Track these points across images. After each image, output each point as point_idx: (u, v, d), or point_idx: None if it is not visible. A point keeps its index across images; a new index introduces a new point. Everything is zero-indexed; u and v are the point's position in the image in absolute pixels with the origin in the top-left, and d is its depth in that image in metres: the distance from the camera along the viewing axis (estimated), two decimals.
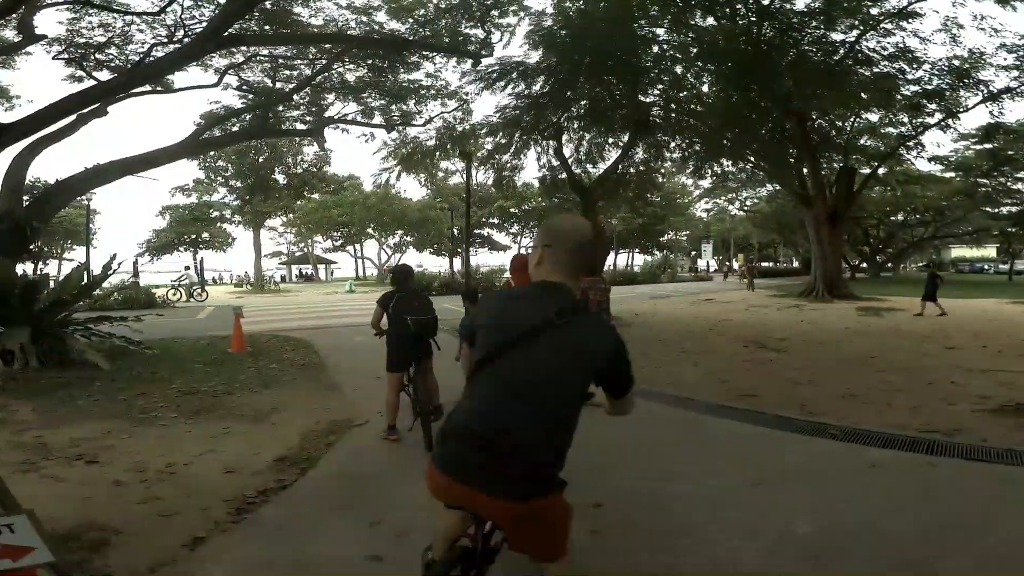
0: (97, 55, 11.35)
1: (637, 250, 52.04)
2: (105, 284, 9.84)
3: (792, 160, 17.79)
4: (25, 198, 9.05)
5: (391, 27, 10.83)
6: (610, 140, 12.78)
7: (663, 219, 45.14)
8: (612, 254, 50.75)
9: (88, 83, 11.42)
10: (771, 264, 56.95)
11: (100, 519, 2.89)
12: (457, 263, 42.11)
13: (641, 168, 13.72)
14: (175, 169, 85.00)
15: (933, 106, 14.69)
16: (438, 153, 14.08)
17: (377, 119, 13.84)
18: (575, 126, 12.15)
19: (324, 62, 11.87)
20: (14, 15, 8.22)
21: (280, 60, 12.22)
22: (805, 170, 18.07)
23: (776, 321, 12.38)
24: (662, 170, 15.05)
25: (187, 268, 26.98)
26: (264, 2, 9.14)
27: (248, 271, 35.58)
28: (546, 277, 1.51)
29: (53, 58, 11.06)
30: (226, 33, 8.27)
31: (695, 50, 10.49)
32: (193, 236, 38.68)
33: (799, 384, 6.08)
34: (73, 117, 9.78)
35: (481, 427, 1.37)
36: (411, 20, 10.54)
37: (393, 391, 4.27)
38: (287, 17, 10.45)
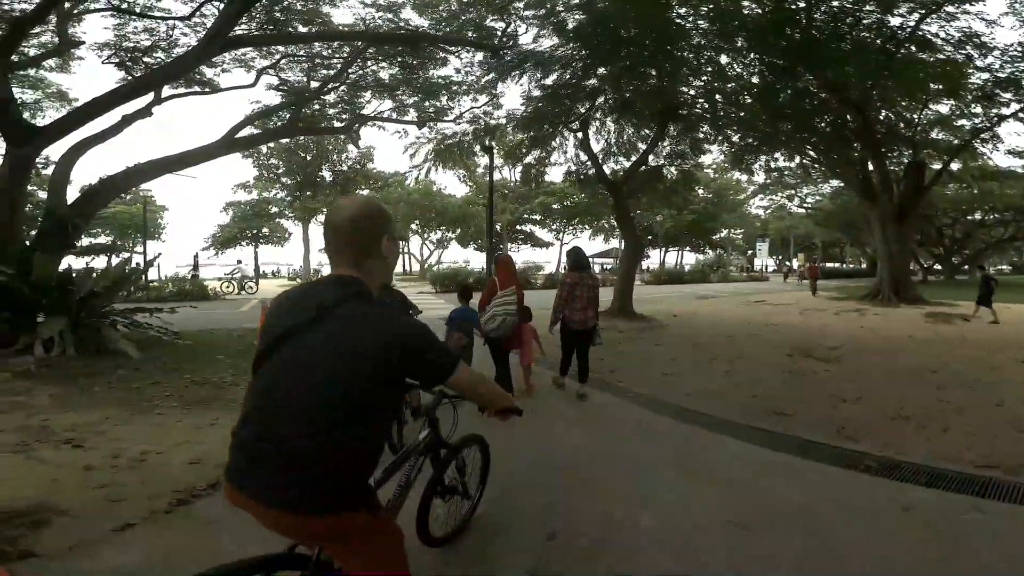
0: (145, 59, 11.95)
1: (688, 248, 50.21)
2: (160, 277, 10.33)
3: (855, 154, 16.39)
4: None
5: (416, 23, 10.81)
6: (643, 132, 12.09)
7: (714, 216, 43.22)
8: (659, 252, 49.67)
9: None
10: (836, 265, 53.42)
11: (55, 501, 3.02)
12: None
13: (678, 161, 12.90)
14: (237, 167, 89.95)
15: (1008, 95, 13.05)
16: (468, 147, 13.90)
17: (411, 116, 13.90)
18: (600, 116, 11.58)
19: (358, 61, 11.95)
20: (48, 24, 8.72)
21: (317, 59, 12.37)
22: (870, 165, 16.70)
23: (831, 326, 11.36)
24: (700, 164, 14.04)
25: (239, 262, 28.28)
26: (259, 1, 9.18)
27: (316, 267, 37.02)
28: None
29: (103, 63, 11.68)
30: (230, 34, 8.40)
31: (740, 39, 9.71)
32: (253, 231, 40.59)
33: (843, 401, 5.38)
34: (118, 118, 10.28)
35: (248, 435, 1.31)
36: (435, 16, 10.44)
37: None
38: (316, 16, 10.54)
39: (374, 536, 1.39)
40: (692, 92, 10.93)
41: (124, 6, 9.67)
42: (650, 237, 47.02)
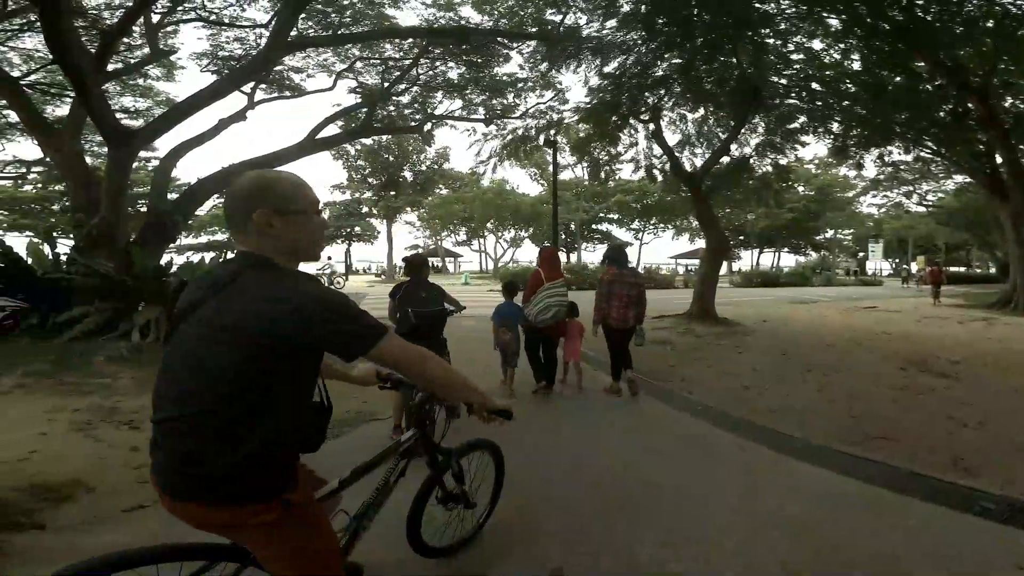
0: (239, 66, 12.90)
1: (786, 249, 46.34)
2: None
3: (981, 146, 13.97)
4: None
5: (475, 21, 10.70)
6: (727, 122, 10.91)
7: (817, 215, 39.43)
8: (752, 253, 46.32)
9: (233, 95, 13.02)
10: (961, 269, 46.65)
11: (90, 478, 3.14)
12: (573, 257, 41.53)
13: (770, 154, 11.53)
14: (334, 169, 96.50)
15: None
16: (532, 142, 13.54)
17: (480, 114, 13.94)
18: (673, 105, 10.55)
19: (426, 61, 12.09)
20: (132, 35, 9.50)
21: (390, 61, 12.67)
22: (998, 158, 14.15)
23: (953, 337, 9.65)
24: (798, 158, 12.46)
25: (329, 259, 30.07)
26: (310, 2, 9.41)
27: (398, 264, 38.81)
28: None
29: (201, 71, 12.74)
30: (292, 36, 8.67)
31: (833, 22, 8.45)
32: (347, 230, 43.19)
33: (962, 426, 4.37)
34: (215, 123, 11.10)
35: (153, 418, 1.26)
36: (494, 12, 10.24)
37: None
38: (382, 19, 10.75)
39: (293, 531, 1.28)
40: (783, 81, 9.70)
41: (212, 17, 10.43)
42: (741, 237, 44.05)
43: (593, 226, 46.59)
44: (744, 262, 48.44)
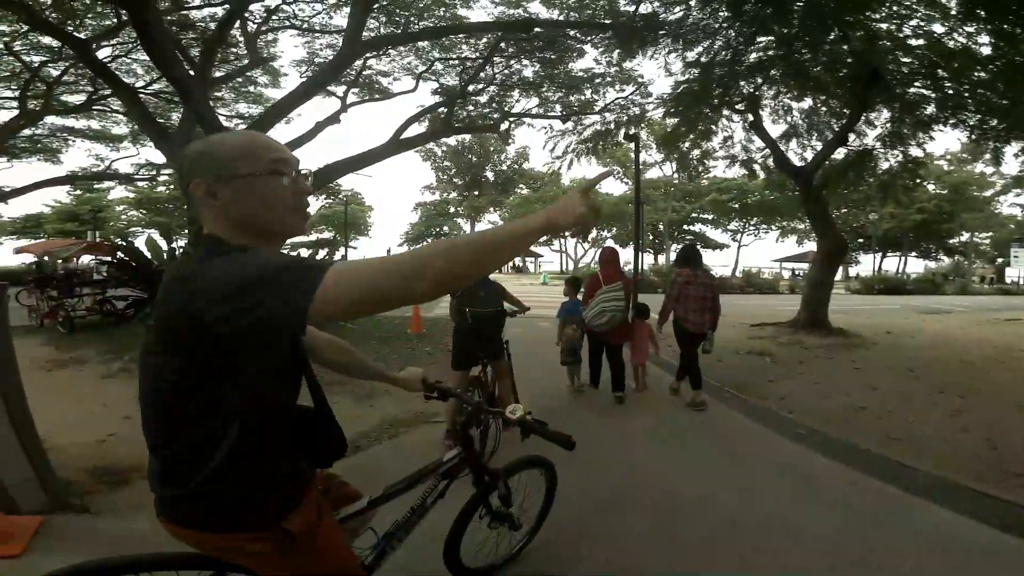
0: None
1: (913, 253, 41.02)
2: None
3: None
4: None
5: (546, 17, 10.32)
6: (842, 110, 9.40)
7: (951, 216, 34.38)
8: (874, 257, 41.44)
9: (329, 99, 13.78)
10: None
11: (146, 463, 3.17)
12: (661, 259, 39.65)
13: (896, 146, 9.82)
14: (422, 170, 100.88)
15: None
16: (612, 137, 12.87)
17: (557, 111, 13.64)
18: (774, 93, 9.28)
19: (502, 60, 12.00)
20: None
21: (467, 62, 12.73)
22: None
23: None
24: (928, 153, 10.41)
25: None
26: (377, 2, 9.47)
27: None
28: None
29: (300, 77, 13.62)
30: (361, 39, 8.83)
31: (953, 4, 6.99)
32: (436, 229, 44.86)
33: None
34: (312, 126, 11.74)
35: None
36: (565, 5, 9.80)
37: (468, 388, 3.68)
38: (455, 18, 10.78)
39: (295, 559, 1.11)
40: (905, 66, 8.20)
41: (304, 26, 11.00)
42: (861, 240, 39.62)
43: (685, 227, 44.27)
44: (863, 267, 43.52)
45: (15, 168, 54.51)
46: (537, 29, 10.33)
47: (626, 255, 36.31)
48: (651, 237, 43.41)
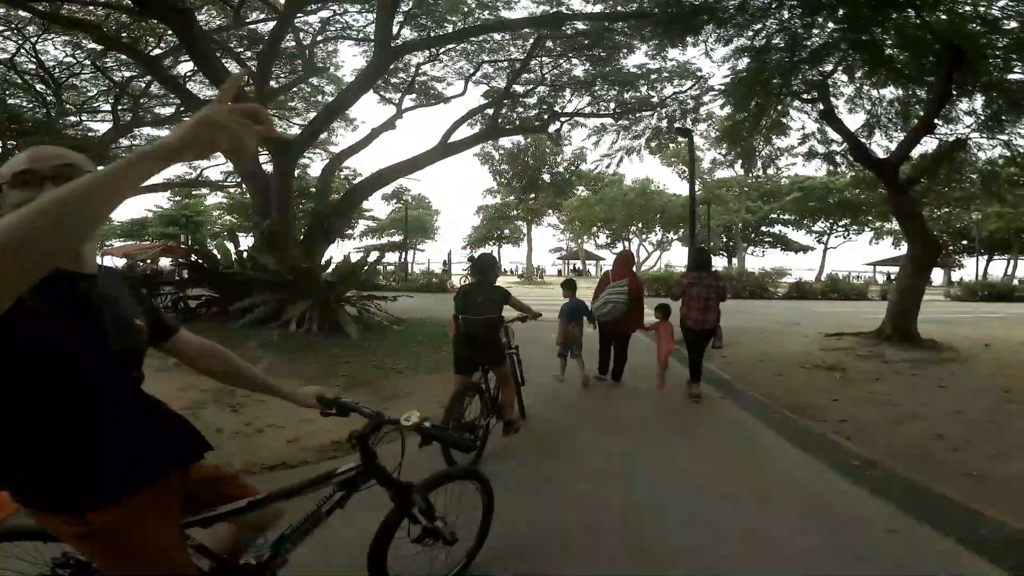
0: (392, 79, 14.10)
1: (1023, 257, 36.16)
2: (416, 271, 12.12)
3: None
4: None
5: (587, 11, 10.03)
6: (925, 95, 8.10)
7: None
8: (977, 260, 36.83)
9: (387, 107, 14.26)
10: None
11: None
12: (735, 263, 37.47)
13: (991, 133, 8.33)
14: (479, 173, 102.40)
15: None
16: (666, 134, 12.25)
17: (611, 110, 13.23)
18: (847, 78, 8.18)
19: (549, 58, 11.81)
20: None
21: (516, 63, 12.64)
22: None
23: None
24: None
25: (471, 258, 31.60)
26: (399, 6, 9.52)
27: (540, 265, 39.70)
28: None
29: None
30: (394, 43, 8.94)
31: None
32: (497, 232, 45.21)
33: None
34: (368, 133, 12.17)
35: None
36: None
37: (453, 396, 3.55)
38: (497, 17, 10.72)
39: (106, 553, 1.14)
40: (997, 52, 7.00)
41: (360, 36, 11.42)
42: (965, 242, 35.46)
43: (763, 228, 41.64)
44: (967, 271, 38.91)
45: None
46: (576, 24, 10.03)
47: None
48: (724, 239, 41.23)
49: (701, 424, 4.54)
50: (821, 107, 8.40)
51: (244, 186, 30.86)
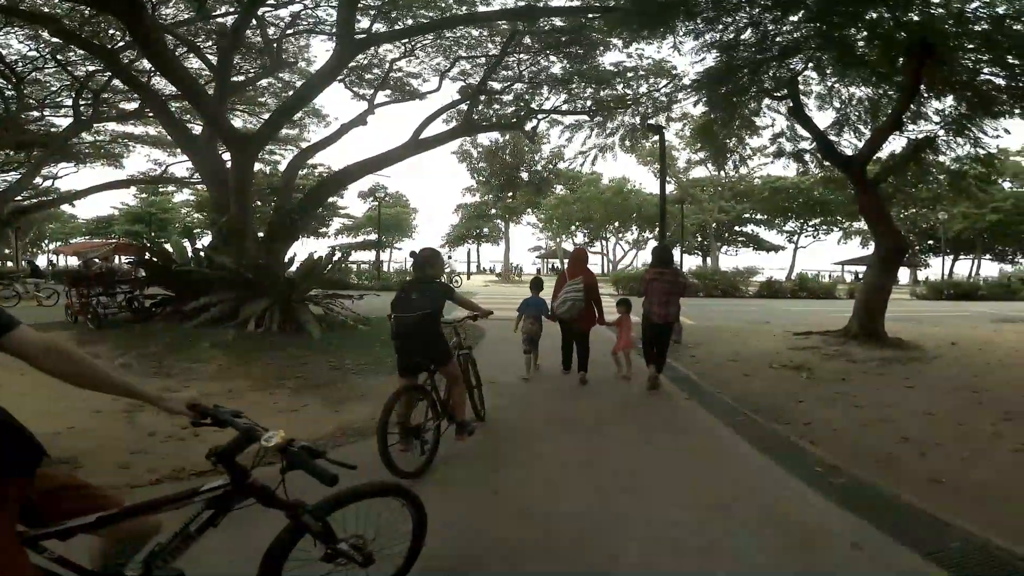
0: (367, 75, 13.75)
1: (987, 256, 37.42)
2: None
3: None
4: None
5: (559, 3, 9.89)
6: (890, 92, 8.07)
7: None
8: (943, 260, 38.01)
9: (362, 103, 13.80)
10: None
11: (86, 457, 3.34)
12: (710, 261, 37.87)
13: (960, 132, 8.32)
14: (459, 171, 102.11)
15: None
16: (639, 131, 12.19)
17: (586, 107, 13.13)
18: (817, 77, 8.16)
19: (527, 57, 11.77)
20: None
21: (492, 58, 12.41)
22: None
23: None
24: (997, 140, 8.74)
25: (448, 257, 31.36)
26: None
27: (518, 264, 39.51)
28: None
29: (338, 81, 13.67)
30: (356, 35, 8.68)
31: None
32: (477, 231, 44.84)
33: None
34: (336, 127, 11.76)
35: None
36: None
37: (396, 397, 3.30)
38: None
39: None
40: (969, 54, 6.98)
41: (333, 31, 11.05)
42: (931, 242, 36.48)
43: (736, 228, 42.16)
44: (933, 270, 40.09)
45: (83, 173, 59.45)
46: (553, 20, 9.81)
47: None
48: (699, 238, 41.63)
49: (664, 428, 4.36)
50: (791, 104, 8.32)
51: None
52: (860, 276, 35.27)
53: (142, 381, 5.14)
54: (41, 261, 36.01)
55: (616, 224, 38.48)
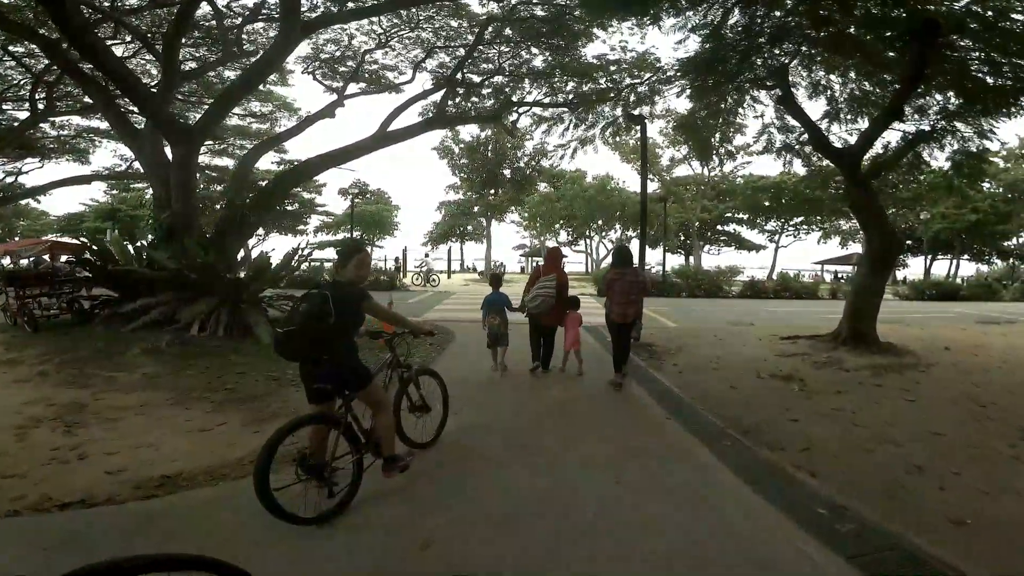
0: (339, 67, 13.13)
1: (965, 256, 37.75)
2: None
3: None
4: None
5: None
6: (894, 83, 7.48)
7: (1009, 216, 31.26)
8: (923, 260, 38.24)
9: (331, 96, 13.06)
10: None
11: None
12: (691, 260, 37.63)
13: (969, 121, 7.79)
14: (443, 168, 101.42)
15: None
16: (618, 122, 11.71)
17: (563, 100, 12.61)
18: (807, 64, 7.57)
19: (508, 49, 11.26)
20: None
21: (465, 48, 11.81)
22: None
23: None
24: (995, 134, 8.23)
25: (426, 256, 30.53)
26: None
27: (501, 262, 38.79)
28: None
29: (301, 73, 13.05)
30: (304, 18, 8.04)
31: None
32: (460, 229, 44.03)
33: None
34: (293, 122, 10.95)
35: None
36: None
37: (289, 429, 2.67)
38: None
39: None
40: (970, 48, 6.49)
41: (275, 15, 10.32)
42: (911, 242, 36.66)
43: (719, 227, 41.99)
44: (912, 270, 40.40)
45: (49, 169, 57.53)
46: (534, 11, 9.17)
47: (654, 256, 34.41)
48: (682, 237, 41.39)
49: (639, 455, 3.74)
50: (780, 93, 7.74)
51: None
52: (840, 275, 35.37)
53: (53, 392, 4.67)
54: None
55: (600, 223, 37.93)
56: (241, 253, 9.56)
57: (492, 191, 30.24)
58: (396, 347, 3.53)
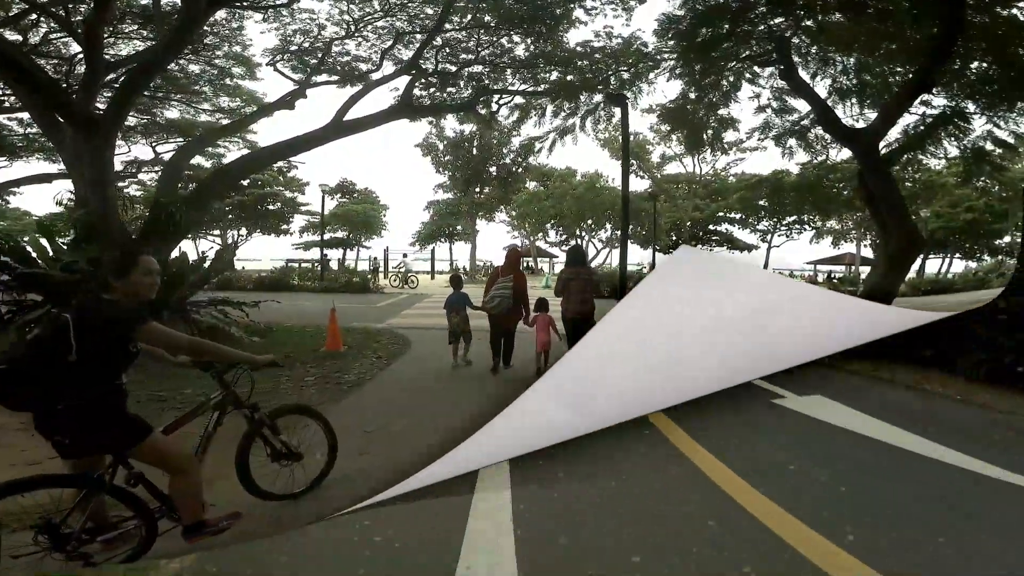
0: (309, 59, 12.29)
1: (958, 255, 37.32)
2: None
3: None
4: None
5: None
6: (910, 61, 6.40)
7: (1002, 215, 30.75)
8: (918, 259, 37.63)
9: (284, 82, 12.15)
10: None
11: None
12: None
13: (1003, 106, 6.74)
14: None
15: None
16: (600, 107, 10.94)
17: (554, 93, 11.86)
18: (811, 38, 6.55)
19: (487, 38, 10.67)
20: None
21: (442, 34, 10.97)
22: None
23: None
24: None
25: (405, 256, 29.52)
26: None
27: (490, 261, 37.82)
28: None
29: (266, 64, 12.39)
30: None
31: None
32: (448, 228, 42.83)
33: None
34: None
35: None
36: None
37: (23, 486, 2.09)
38: None
39: None
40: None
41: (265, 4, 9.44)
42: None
43: (711, 227, 41.11)
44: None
45: (17, 167, 55.95)
46: None
47: (644, 256, 33.22)
48: (674, 237, 40.45)
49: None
50: (781, 67, 6.69)
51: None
52: (833, 276, 34.66)
53: None
54: None
55: (589, 222, 36.86)
56: (175, 254, 8.54)
57: (478, 189, 29.07)
58: (232, 382, 2.73)
